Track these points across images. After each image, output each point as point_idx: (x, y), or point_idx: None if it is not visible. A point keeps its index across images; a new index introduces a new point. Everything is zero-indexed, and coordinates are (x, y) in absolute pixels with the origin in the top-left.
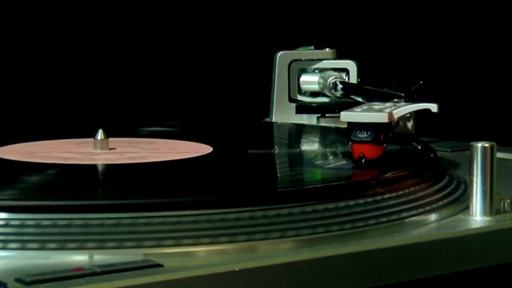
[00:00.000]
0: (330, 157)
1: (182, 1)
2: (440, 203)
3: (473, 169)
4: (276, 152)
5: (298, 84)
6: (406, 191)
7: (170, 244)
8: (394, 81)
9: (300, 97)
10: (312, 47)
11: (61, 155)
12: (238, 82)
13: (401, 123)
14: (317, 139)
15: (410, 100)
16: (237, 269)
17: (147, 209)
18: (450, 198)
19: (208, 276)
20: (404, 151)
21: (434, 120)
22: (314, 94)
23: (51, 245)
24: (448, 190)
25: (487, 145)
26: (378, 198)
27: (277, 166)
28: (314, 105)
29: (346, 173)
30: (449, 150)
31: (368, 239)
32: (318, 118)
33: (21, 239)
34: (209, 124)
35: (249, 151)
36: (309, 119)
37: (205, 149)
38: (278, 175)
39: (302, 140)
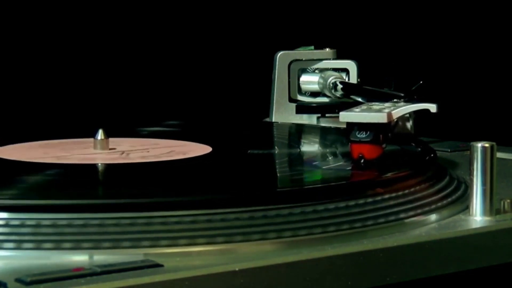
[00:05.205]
0: (330, 157)
1: (182, 1)
2: (440, 203)
3: (473, 169)
4: (276, 152)
5: (298, 84)
6: (406, 191)
7: (170, 244)
8: (394, 81)
9: (300, 97)
10: (312, 47)
11: (61, 155)
12: (238, 82)
13: (400, 123)
14: (317, 139)
15: (410, 100)
16: (237, 269)
17: (147, 209)
18: (450, 198)
19: (208, 276)
20: (403, 151)
21: (434, 120)
22: (314, 94)
23: (51, 245)
24: (448, 190)
25: (487, 145)
26: (378, 198)
27: (277, 166)
28: (314, 105)
29: (346, 174)
30: (449, 150)
31: (368, 239)
32: (318, 118)
33: (21, 239)
34: (209, 124)
35: (249, 151)
36: (309, 119)
37: (205, 149)
38: (278, 175)
39: (302, 140)
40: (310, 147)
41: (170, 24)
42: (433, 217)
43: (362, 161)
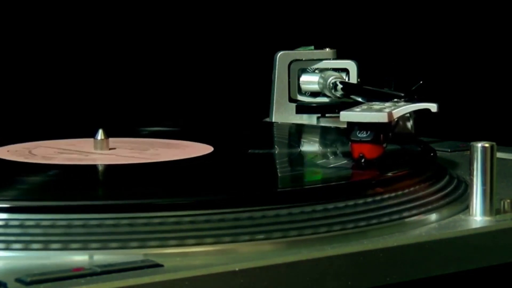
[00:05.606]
0: (330, 157)
1: (182, 1)
2: (440, 202)
3: (473, 169)
4: (276, 152)
5: (298, 84)
6: (406, 191)
7: (170, 244)
8: (394, 81)
9: (300, 97)
10: (312, 47)
11: (61, 155)
12: (238, 82)
13: (400, 123)
14: (317, 139)
15: (410, 100)
16: (237, 269)
17: (147, 209)
18: (450, 198)
19: (208, 276)
20: (404, 151)
21: (434, 120)
22: (314, 94)
23: (51, 245)
24: (448, 190)
25: (487, 145)
26: (378, 198)
27: (277, 166)
28: (314, 105)
29: (346, 173)
30: (449, 150)
31: (368, 239)
32: (318, 118)
33: (21, 240)
34: (209, 124)
35: (249, 151)
36: (309, 119)
37: (205, 149)
38: (278, 175)
39: (302, 140)
40: (310, 147)
41: (170, 24)
42: (433, 217)
43: (362, 160)
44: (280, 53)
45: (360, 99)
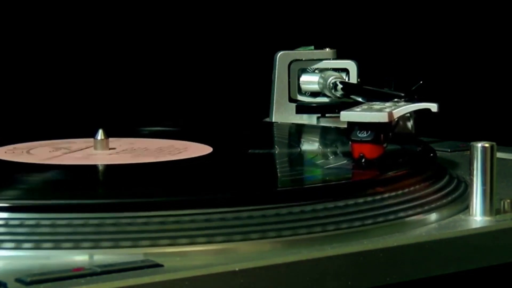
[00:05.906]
0: (330, 157)
1: (182, 1)
2: (440, 202)
3: (473, 169)
4: (276, 152)
5: (298, 84)
6: (406, 190)
7: (170, 244)
8: (394, 81)
9: (300, 97)
10: (312, 47)
11: (61, 155)
12: (238, 82)
13: (401, 123)
14: (317, 139)
15: (410, 100)
16: (237, 269)
17: (147, 208)
18: (450, 198)
19: (208, 276)
20: (404, 151)
21: (434, 120)
22: (314, 94)
23: (51, 245)
24: (448, 189)
25: (487, 145)
26: (378, 197)
27: (277, 166)
28: (314, 105)
29: (346, 173)
30: (449, 150)
31: (368, 239)
32: (318, 118)
33: (21, 239)
34: (209, 124)
35: (249, 151)
36: (309, 119)
37: (205, 149)
38: (278, 175)
39: (302, 140)
40: (310, 147)
41: (170, 24)
42: (433, 216)
43: (363, 160)
44: (280, 53)
45: (360, 99)
